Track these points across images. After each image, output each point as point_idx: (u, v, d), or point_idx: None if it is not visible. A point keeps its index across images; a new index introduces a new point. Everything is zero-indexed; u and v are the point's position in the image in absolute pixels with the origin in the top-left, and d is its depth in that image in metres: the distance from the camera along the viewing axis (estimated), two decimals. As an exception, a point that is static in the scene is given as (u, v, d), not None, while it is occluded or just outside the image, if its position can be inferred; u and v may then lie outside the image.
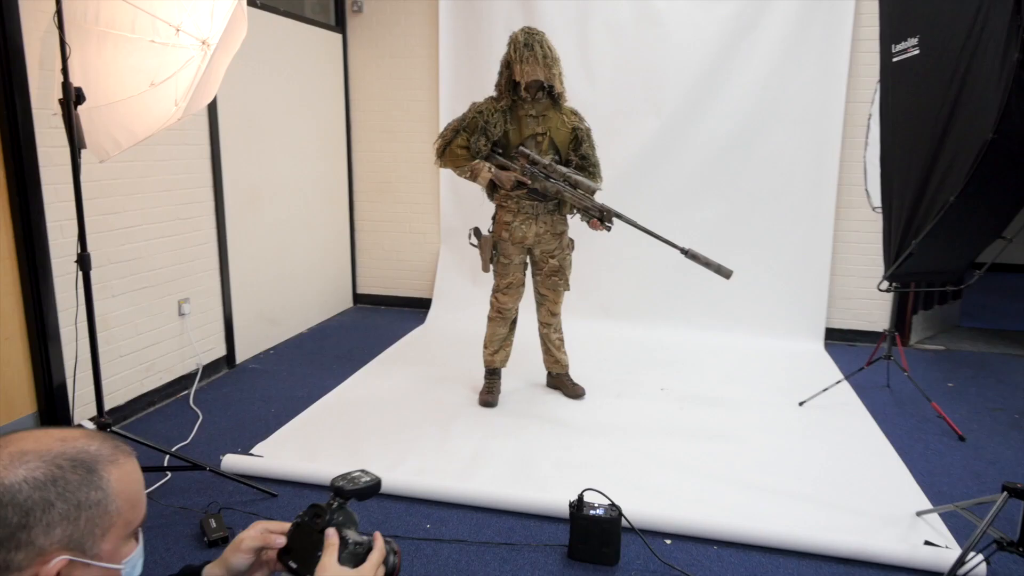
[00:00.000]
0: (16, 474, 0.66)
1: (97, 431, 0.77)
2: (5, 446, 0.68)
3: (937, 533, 2.25)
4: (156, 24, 2.31)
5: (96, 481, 0.70)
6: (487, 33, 4.55)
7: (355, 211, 5.10)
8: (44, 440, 0.70)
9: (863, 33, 4.02)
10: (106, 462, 0.71)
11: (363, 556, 0.91)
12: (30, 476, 0.66)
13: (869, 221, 4.22)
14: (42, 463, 0.67)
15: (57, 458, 0.68)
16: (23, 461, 0.67)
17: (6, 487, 0.65)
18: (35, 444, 0.69)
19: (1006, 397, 3.54)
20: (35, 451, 0.68)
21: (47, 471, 0.67)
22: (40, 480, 0.66)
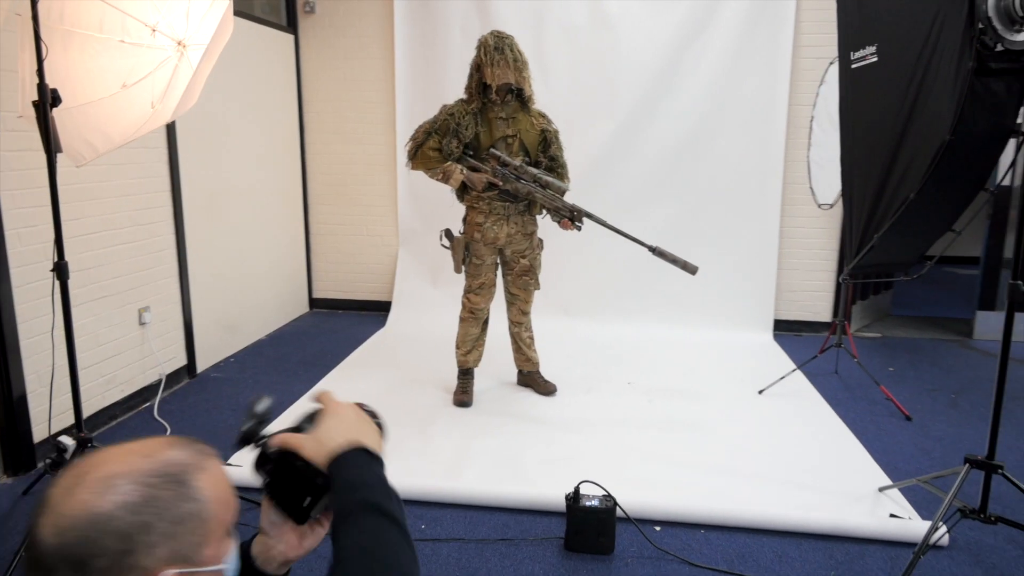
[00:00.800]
0: (109, 500, 0.64)
1: (172, 437, 0.76)
2: (89, 471, 0.66)
3: (899, 506, 2.42)
4: (127, 24, 2.24)
5: (189, 492, 0.69)
6: (443, 35, 4.56)
7: (310, 214, 5.01)
8: (128, 458, 0.68)
9: (803, 40, 4.25)
10: (194, 470, 0.71)
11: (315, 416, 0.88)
12: (125, 500, 0.64)
13: (812, 217, 4.47)
14: (134, 484, 0.66)
15: (147, 476, 0.67)
16: (113, 485, 0.65)
17: (101, 515, 0.63)
18: (120, 465, 0.67)
19: (941, 379, 3.83)
20: (123, 473, 0.66)
21: (141, 492, 0.66)
22: (135, 503, 0.65)
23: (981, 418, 3.26)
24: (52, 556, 0.62)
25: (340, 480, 0.79)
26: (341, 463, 0.80)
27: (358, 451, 0.82)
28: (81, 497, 0.64)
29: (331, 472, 0.81)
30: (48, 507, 0.64)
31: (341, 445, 0.82)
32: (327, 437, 0.83)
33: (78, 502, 0.64)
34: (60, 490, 0.65)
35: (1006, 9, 1.80)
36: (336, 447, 0.82)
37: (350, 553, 0.72)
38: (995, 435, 2.00)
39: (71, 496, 0.64)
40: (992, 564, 2.12)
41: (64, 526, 0.63)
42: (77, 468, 0.67)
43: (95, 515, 0.63)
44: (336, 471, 0.80)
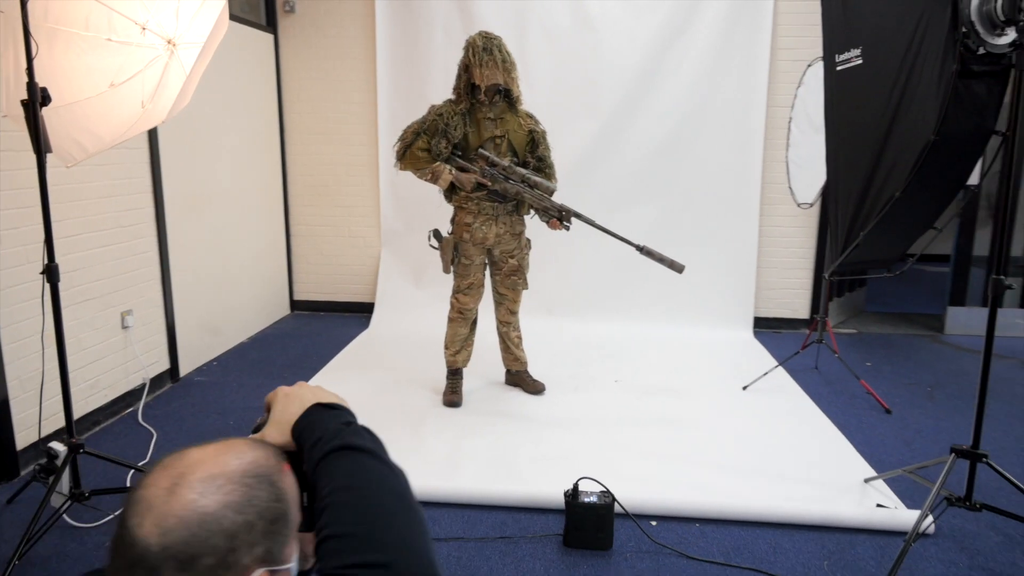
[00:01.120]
0: (215, 500, 0.64)
1: (247, 439, 0.77)
2: (189, 472, 0.66)
3: (885, 497, 2.49)
4: (113, 22, 2.20)
5: (278, 493, 0.70)
6: (425, 36, 4.56)
7: (290, 215, 4.97)
8: (220, 458, 0.69)
9: (780, 42, 4.34)
10: (277, 471, 0.72)
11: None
12: (229, 500, 0.65)
13: (790, 216, 4.56)
14: (234, 485, 0.66)
15: (244, 476, 0.68)
16: (217, 485, 0.65)
17: (210, 515, 0.64)
18: (216, 465, 0.67)
19: (916, 372, 3.93)
20: (223, 473, 0.67)
21: (242, 492, 0.66)
22: (238, 502, 0.65)
23: (957, 410, 3.37)
24: (157, 555, 0.62)
25: (305, 445, 0.78)
26: (302, 429, 0.80)
27: (313, 409, 0.81)
28: (188, 497, 0.64)
29: (297, 443, 0.80)
30: (147, 507, 0.64)
31: (296, 414, 0.81)
32: (283, 417, 0.82)
33: (185, 501, 0.64)
34: (158, 490, 0.65)
35: (988, 14, 1.86)
36: (292, 417, 0.81)
37: (330, 500, 0.70)
38: (979, 425, 2.07)
39: (174, 496, 0.64)
40: (976, 550, 2.19)
41: (170, 525, 0.62)
42: (169, 468, 0.67)
43: (203, 514, 0.63)
44: (299, 439, 0.79)
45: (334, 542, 0.66)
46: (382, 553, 0.65)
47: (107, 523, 2.25)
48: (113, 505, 2.32)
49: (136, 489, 0.67)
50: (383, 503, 0.70)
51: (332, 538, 0.66)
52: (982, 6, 1.86)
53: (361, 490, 0.71)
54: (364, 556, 0.64)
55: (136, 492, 0.66)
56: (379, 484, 0.72)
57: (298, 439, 0.79)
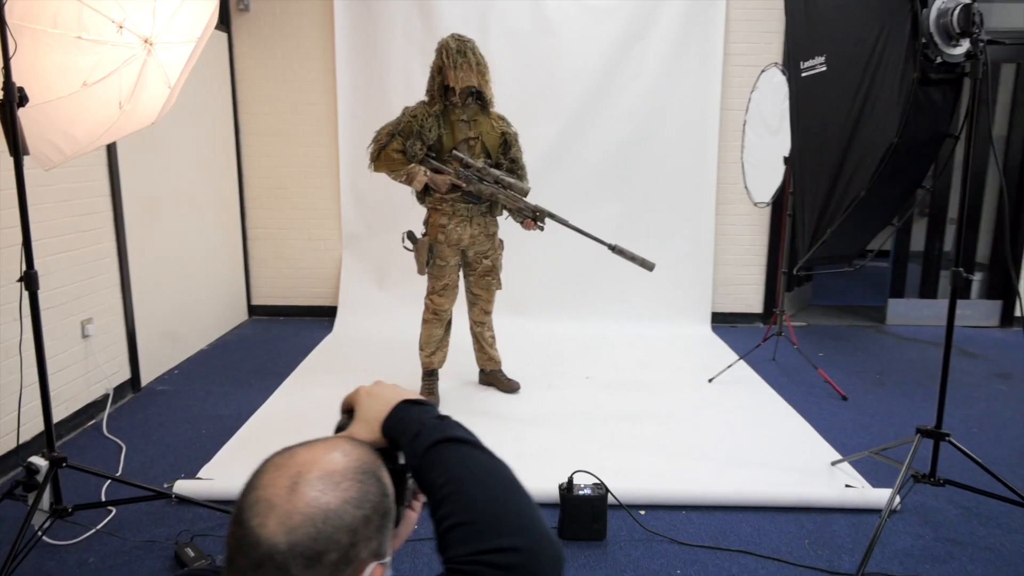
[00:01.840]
0: (336, 496, 0.66)
1: (344, 438, 0.78)
2: (306, 470, 0.67)
3: (851, 478, 2.64)
4: (84, 19, 2.12)
5: (384, 487, 0.72)
6: (385, 38, 4.54)
7: (247, 219, 4.85)
8: (331, 456, 0.70)
9: (732, 48, 4.52)
10: (379, 466, 0.73)
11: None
12: (348, 496, 0.67)
13: (744, 215, 4.75)
14: (350, 481, 0.68)
15: (356, 473, 0.69)
16: (334, 482, 0.67)
17: (333, 511, 0.65)
18: (330, 463, 0.69)
19: (865, 361, 4.17)
20: (339, 470, 0.68)
21: (358, 488, 0.68)
22: (356, 498, 0.67)
23: (905, 395, 3.59)
24: (284, 553, 0.63)
25: (402, 440, 0.80)
26: (394, 425, 0.81)
27: (401, 406, 0.83)
28: (310, 495, 0.65)
29: (390, 438, 0.82)
30: (269, 506, 0.65)
31: (384, 412, 0.83)
32: (369, 414, 0.84)
33: (308, 499, 0.65)
34: (278, 490, 0.66)
35: (945, 26, 2.01)
36: (380, 415, 0.83)
37: (448, 491, 0.71)
38: (942, 407, 2.23)
39: (296, 494, 0.65)
40: (939, 523, 2.35)
41: (295, 523, 0.64)
42: (283, 468, 0.68)
43: (326, 511, 0.65)
44: (393, 434, 0.81)
45: (461, 530, 0.68)
46: (511, 537, 0.67)
47: (87, 539, 2.17)
48: (93, 520, 2.24)
49: (251, 491, 0.68)
50: (499, 490, 0.72)
51: (459, 526, 0.68)
52: (939, 19, 2.01)
53: (477, 479, 0.73)
54: (495, 542, 0.67)
55: (252, 493, 0.67)
56: (491, 472, 0.74)
57: (390, 435, 0.81)
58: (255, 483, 0.68)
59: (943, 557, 2.18)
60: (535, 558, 0.67)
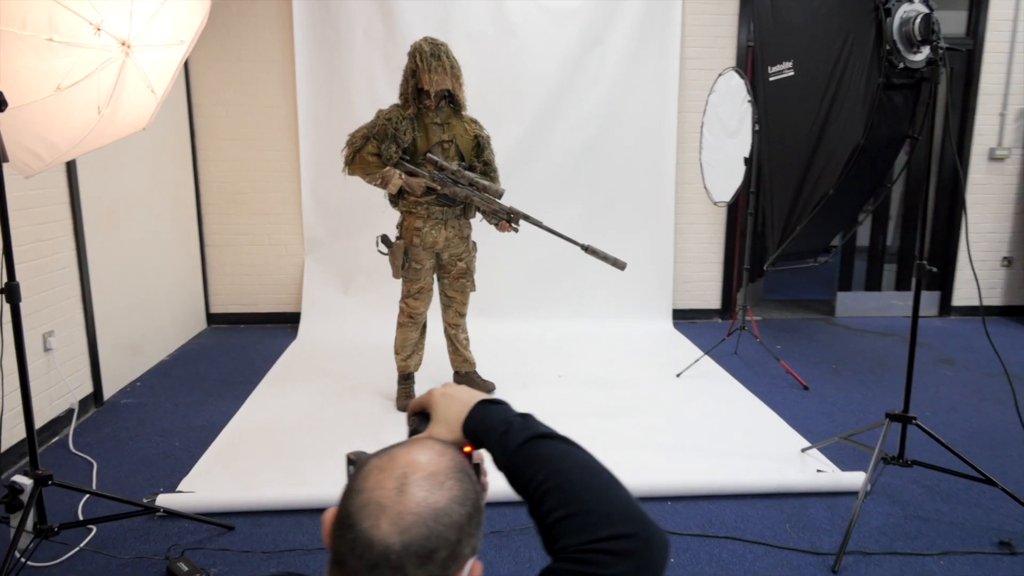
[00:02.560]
0: (443, 495, 0.68)
1: (430, 439, 0.79)
2: (411, 471, 0.69)
3: (821, 463, 2.78)
4: (56, 21, 2.05)
5: (477, 486, 0.73)
6: (346, 39, 4.50)
7: (204, 225, 4.72)
8: (429, 456, 0.71)
9: (689, 52, 4.66)
10: (469, 465, 0.76)
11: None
12: (453, 495, 0.68)
13: (701, 214, 4.91)
14: (452, 480, 0.69)
15: (455, 472, 0.71)
16: (439, 482, 0.69)
17: (442, 510, 0.67)
18: (431, 463, 0.70)
19: (820, 352, 4.36)
20: (441, 470, 0.70)
21: (460, 487, 0.70)
22: (460, 496, 0.69)
23: (861, 383, 3.78)
24: (399, 553, 0.65)
25: (489, 438, 0.82)
26: (477, 425, 0.84)
27: (480, 406, 0.86)
28: (419, 495, 0.67)
29: (473, 438, 0.84)
30: (379, 508, 0.66)
31: (463, 412, 0.86)
32: (449, 416, 0.86)
33: (418, 499, 0.67)
34: (387, 491, 0.67)
35: (907, 34, 2.15)
36: (460, 415, 0.85)
37: (550, 485, 0.74)
38: (908, 392, 2.37)
39: (405, 495, 0.67)
40: (906, 502, 2.50)
41: (407, 524, 0.65)
42: (387, 470, 0.69)
43: (436, 510, 0.67)
44: (476, 435, 0.84)
45: (572, 521, 0.71)
46: (623, 525, 0.71)
47: (70, 559, 2.09)
48: (74, 539, 2.16)
49: (356, 494, 0.69)
50: (600, 481, 0.75)
51: (569, 518, 0.71)
52: (902, 27, 2.15)
53: (577, 472, 0.76)
54: (609, 530, 0.70)
55: (359, 496, 0.68)
56: (587, 465, 0.77)
57: (473, 434, 0.83)
58: (359, 487, 0.69)
59: (913, 534, 2.32)
60: (647, 543, 0.70)
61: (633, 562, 0.69)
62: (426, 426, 0.88)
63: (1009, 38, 4.71)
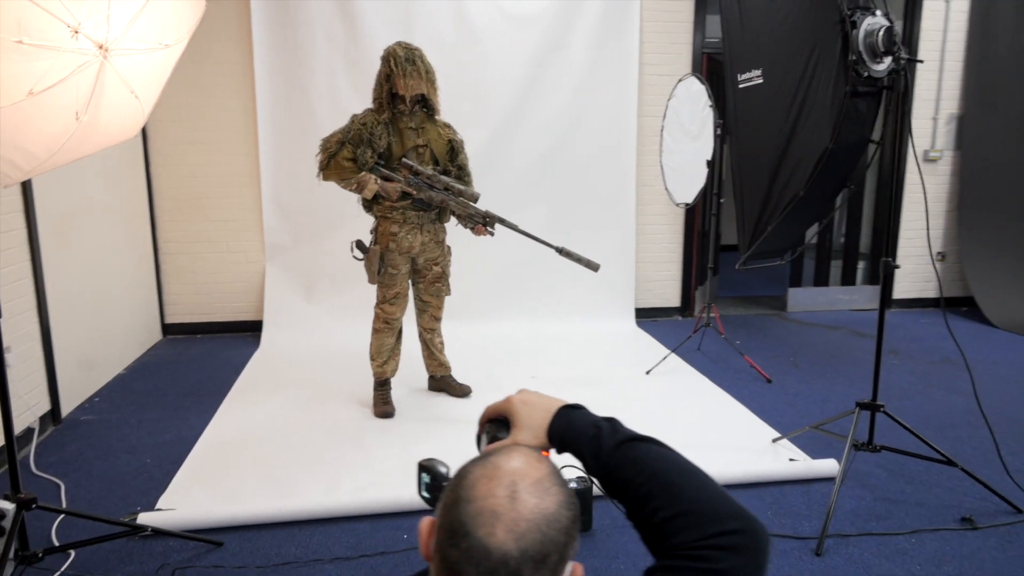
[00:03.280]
0: (552, 501, 0.69)
1: (519, 446, 0.81)
2: (519, 479, 0.70)
3: (792, 452, 2.91)
4: (25, 23, 1.95)
5: (571, 490, 0.75)
6: (307, 42, 4.43)
7: (158, 232, 4.56)
8: (529, 463, 0.73)
9: (647, 59, 4.78)
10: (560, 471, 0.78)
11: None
12: (560, 500, 0.70)
13: (660, 215, 5.04)
14: (556, 486, 0.71)
15: (555, 478, 0.73)
16: (544, 488, 0.70)
17: (552, 515, 0.68)
18: (534, 470, 0.72)
19: (776, 346, 4.55)
20: (544, 476, 0.71)
21: (563, 492, 0.71)
22: (565, 501, 0.71)
23: (819, 375, 3.96)
24: (517, 559, 0.66)
25: (579, 443, 0.85)
26: (564, 431, 0.87)
27: (563, 411, 0.89)
28: (530, 501, 0.68)
29: (560, 443, 0.87)
30: (494, 516, 0.68)
31: (547, 418, 0.88)
32: (533, 422, 0.89)
33: (530, 506, 0.68)
34: (499, 499, 0.68)
35: (871, 45, 2.28)
36: (544, 421, 0.88)
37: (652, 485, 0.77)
38: (877, 381, 2.51)
39: (517, 502, 0.68)
40: (874, 485, 2.65)
41: (523, 530, 0.67)
42: (495, 479, 0.70)
43: (547, 515, 0.68)
44: (563, 440, 0.87)
45: (683, 519, 0.74)
46: (732, 521, 0.74)
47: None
48: (53, 564, 2.07)
49: (466, 503, 0.70)
50: (700, 480, 0.79)
51: (678, 516, 0.74)
52: (866, 39, 2.28)
53: (677, 473, 0.79)
54: (720, 526, 0.73)
55: (470, 506, 0.69)
56: (683, 465, 0.80)
57: (559, 439, 0.86)
58: (469, 496, 0.70)
59: (883, 515, 2.46)
60: (755, 536, 0.74)
61: (743, 556, 0.72)
62: (506, 433, 0.90)
63: (940, 48, 5.03)
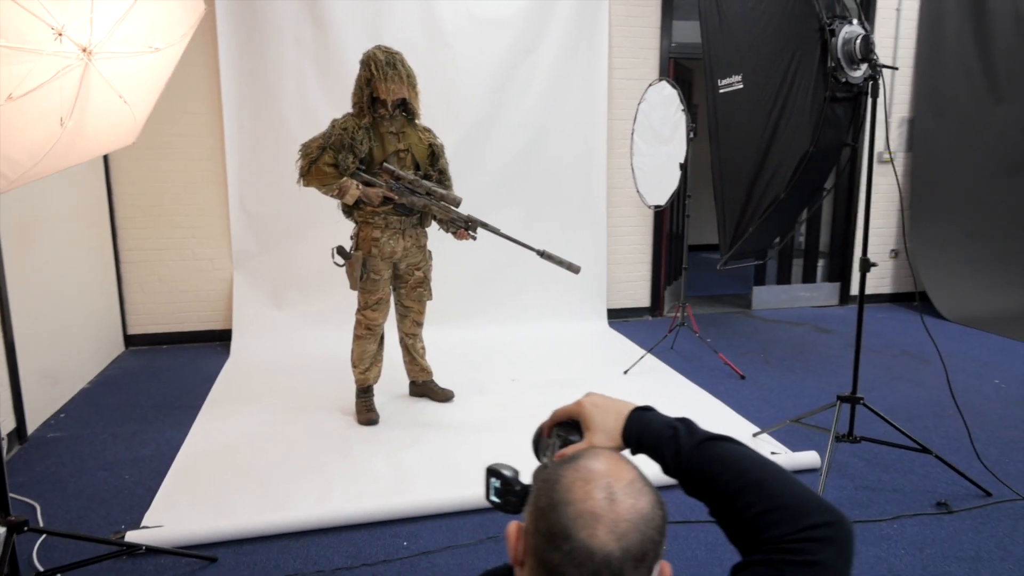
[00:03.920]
0: (646, 501, 0.71)
1: (599, 448, 0.82)
2: (613, 481, 0.71)
3: (773, 445, 3.00)
4: (3, 25, 1.88)
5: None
6: (273, 44, 4.35)
7: (119, 240, 4.40)
8: (618, 464, 0.75)
9: (616, 63, 4.86)
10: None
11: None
12: (652, 499, 0.72)
13: (630, 217, 5.12)
14: (647, 486, 0.73)
15: (643, 478, 0.74)
16: (638, 489, 0.72)
17: (648, 514, 0.71)
18: (625, 471, 0.74)
19: (746, 343, 4.67)
20: (634, 477, 0.74)
21: (653, 492, 0.73)
22: (656, 501, 0.73)
23: (790, 370, 4.09)
24: (619, 559, 0.68)
25: (658, 444, 0.88)
26: (640, 432, 0.90)
27: (637, 413, 0.92)
28: (628, 502, 0.70)
29: (636, 445, 0.90)
30: (594, 518, 0.69)
31: (620, 420, 0.91)
32: (607, 424, 0.91)
33: (628, 506, 0.70)
34: (598, 502, 0.70)
35: (849, 52, 2.38)
36: (618, 424, 0.91)
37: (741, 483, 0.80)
38: (856, 375, 2.61)
39: (616, 503, 0.70)
40: (853, 475, 2.75)
41: (623, 530, 0.69)
42: (591, 482, 0.72)
43: (644, 515, 0.71)
44: (640, 441, 0.89)
45: (775, 515, 0.76)
46: (821, 514, 0.77)
47: (41, 611, 1.92)
48: (40, 589, 1.98)
49: (565, 506, 0.71)
50: (783, 476, 0.81)
51: (770, 512, 0.77)
52: (844, 46, 2.37)
53: (761, 469, 0.81)
54: (810, 519, 0.76)
55: (569, 508, 0.71)
56: (764, 463, 0.83)
57: (636, 440, 0.88)
58: (566, 499, 0.71)
59: (865, 502, 2.56)
60: (843, 528, 0.77)
61: (835, 547, 0.75)
62: (578, 436, 0.91)
63: (892, 53, 5.25)
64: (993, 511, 2.48)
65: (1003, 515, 2.46)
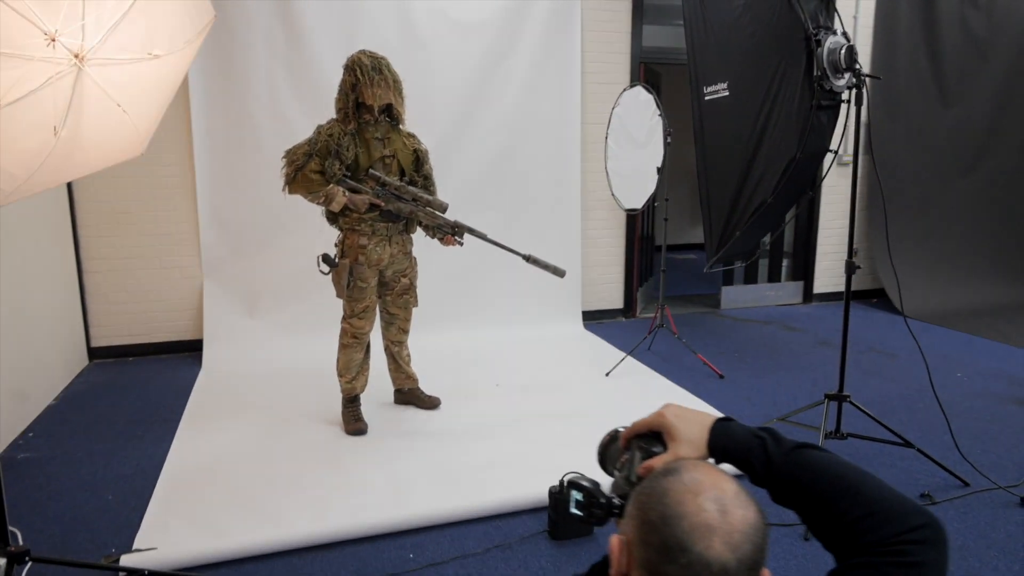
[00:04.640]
0: (753, 511, 0.73)
1: (697, 460, 0.83)
2: (721, 493, 0.73)
3: (760, 443, 3.07)
4: (-13, 28, 1.79)
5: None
6: (244, 47, 4.24)
7: (82, 249, 4.23)
8: (719, 475, 0.76)
9: (589, 68, 4.90)
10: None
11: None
12: (757, 509, 0.74)
13: (603, 221, 5.18)
14: (749, 497, 0.74)
15: (744, 489, 0.76)
16: (743, 499, 0.74)
17: (756, 524, 0.72)
18: (727, 482, 0.75)
19: (719, 343, 4.78)
20: (737, 488, 0.75)
21: (755, 502, 0.75)
22: (760, 510, 0.74)
23: (766, 369, 4.19)
24: (735, 569, 0.69)
25: (747, 454, 0.90)
26: (726, 443, 0.91)
27: (720, 424, 0.94)
28: (739, 513, 0.72)
29: (722, 455, 0.91)
30: (708, 530, 0.70)
31: (705, 431, 0.93)
32: (692, 435, 0.93)
33: (739, 517, 0.72)
34: (711, 514, 0.71)
35: (834, 62, 2.46)
36: (703, 434, 0.93)
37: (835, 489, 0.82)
38: (843, 374, 2.70)
39: (728, 515, 0.71)
40: (840, 470, 2.84)
41: (737, 541, 0.70)
42: (701, 494, 0.73)
43: (754, 525, 0.72)
44: (726, 451, 0.91)
45: (873, 519, 0.78)
46: (916, 517, 0.79)
47: (37, 643, 1.83)
48: (34, 621, 1.89)
49: (678, 520, 0.72)
50: (875, 481, 0.83)
51: (868, 516, 0.79)
52: (830, 56, 2.45)
53: (852, 475, 0.83)
54: (907, 523, 0.78)
55: (683, 522, 0.72)
56: (855, 468, 0.85)
57: (722, 450, 0.89)
58: (679, 512, 0.72)
59: (853, 497, 2.64)
60: (938, 530, 0.80)
61: (936, 548, 0.78)
62: (661, 447, 0.92)
63: (849, 59, 5.44)
64: (973, 500, 2.60)
65: (983, 504, 2.58)
